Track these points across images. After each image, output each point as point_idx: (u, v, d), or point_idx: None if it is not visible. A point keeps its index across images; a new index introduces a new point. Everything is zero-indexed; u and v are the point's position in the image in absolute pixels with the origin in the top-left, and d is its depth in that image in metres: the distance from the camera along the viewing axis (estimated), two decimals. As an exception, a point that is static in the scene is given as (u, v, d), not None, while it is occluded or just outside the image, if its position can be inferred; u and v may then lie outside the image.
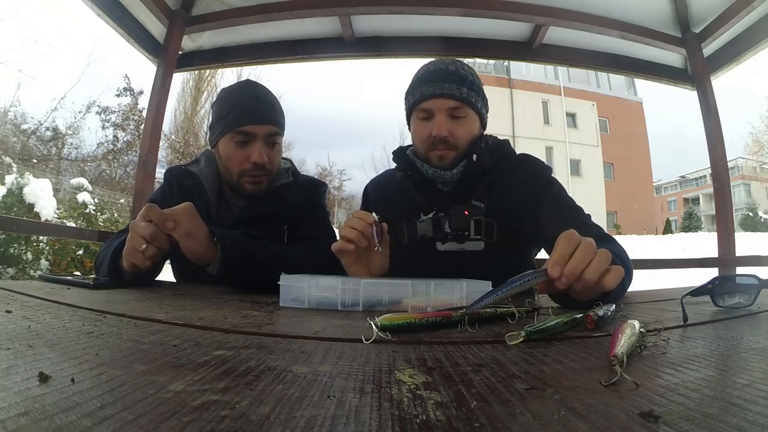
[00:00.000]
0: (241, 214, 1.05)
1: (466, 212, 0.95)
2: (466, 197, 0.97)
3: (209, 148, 1.13)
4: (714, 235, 2.50)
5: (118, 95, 14.54)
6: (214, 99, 1.10)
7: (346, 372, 0.27)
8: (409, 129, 1.08)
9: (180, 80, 16.22)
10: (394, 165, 1.11)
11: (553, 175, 1.05)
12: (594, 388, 0.25)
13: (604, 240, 0.83)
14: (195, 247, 0.80)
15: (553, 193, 1.00)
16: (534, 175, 1.02)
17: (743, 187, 28.76)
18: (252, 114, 1.01)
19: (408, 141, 1.12)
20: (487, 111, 1.05)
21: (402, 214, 1.01)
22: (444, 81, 0.96)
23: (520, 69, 22.20)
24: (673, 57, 2.53)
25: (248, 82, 1.10)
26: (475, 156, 0.98)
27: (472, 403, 0.22)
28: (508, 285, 0.49)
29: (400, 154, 1.08)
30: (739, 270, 2.23)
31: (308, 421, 0.19)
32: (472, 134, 1.00)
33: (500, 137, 1.11)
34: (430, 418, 0.20)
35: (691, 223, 27.29)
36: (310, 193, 1.14)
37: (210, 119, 1.10)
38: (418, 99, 0.99)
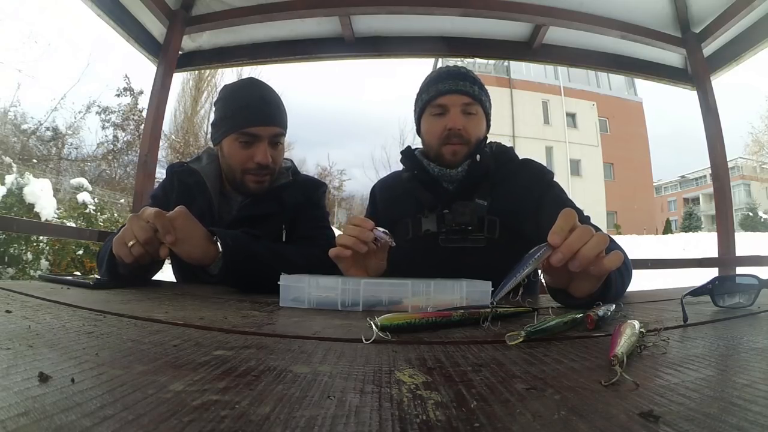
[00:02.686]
0: (240, 213, 1.05)
1: (470, 207, 0.98)
2: (470, 195, 1.01)
3: (211, 145, 1.13)
4: (714, 235, 2.50)
5: (118, 95, 14.57)
6: (217, 96, 1.09)
7: (346, 372, 0.27)
8: (418, 131, 1.13)
9: (180, 80, 16.28)
10: (394, 165, 1.14)
11: (554, 179, 1.08)
12: (594, 388, 0.25)
13: None
14: (192, 252, 0.80)
15: (554, 195, 1.03)
16: (535, 178, 1.06)
17: (743, 187, 28.75)
18: (258, 115, 1.01)
19: (408, 142, 1.15)
20: (491, 113, 1.11)
21: (408, 212, 1.04)
22: (459, 79, 1.03)
23: (520, 69, 22.17)
24: (673, 57, 2.53)
25: (252, 80, 1.09)
26: (478, 156, 1.02)
27: (472, 403, 0.22)
28: (522, 266, 0.48)
29: (408, 154, 1.12)
30: (739, 270, 2.23)
31: (308, 421, 0.19)
32: (481, 132, 1.06)
33: (501, 137, 1.13)
34: (430, 418, 0.20)
35: (691, 223, 27.29)
36: (310, 193, 1.14)
37: (213, 116, 1.09)
38: (433, 95, 1.04)
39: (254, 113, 1.01)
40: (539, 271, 0.55)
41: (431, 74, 1.09)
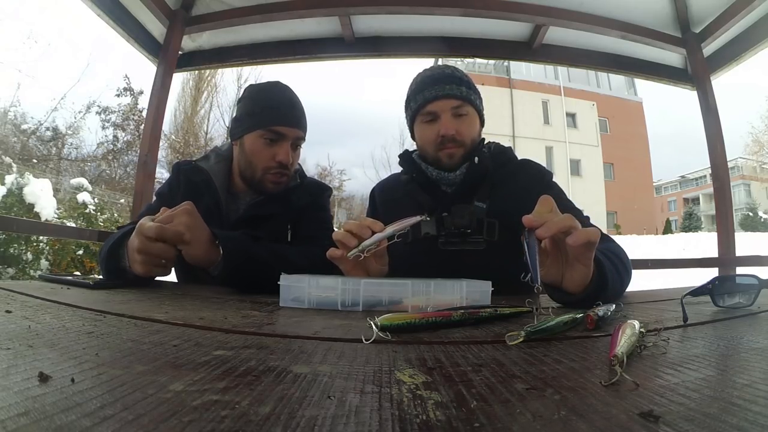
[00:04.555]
0: (246, 212, 1.06)
1: (468, 210, 0.98)
2: (469, 198, 1.00)
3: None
4: (714, 235, 2.49)
5: (118, 95, 14.58)
6: (242, 93, 1.11)
7: (346, 372, 0.27)
8: (412, 136, 1.12)
9: (180, 80, 16.25)
10: (394, 164, 1.13)
11: (553, 179, 1.08)
12: (594, 388, 0.25)
13: (603, 240, 0.83)
14: (195, 253, 0.80)
15: (553, 196, 1.01)
16: (534, 180, 1.06)
17: (743, 187, 28.78)
18: (286, 116, 1.04)
19: (407, 142, 1.15)
20: (483, 108, 1.09)
21: (407, 215, 1.03)
22: (444, 83, 1.01)
23: (520, 69, 22.18)
24: (673, 57, 2.53)
25: (280, 84, 1.11)
26: (477, 158, 1.02)
27: (472, 403, 0.22)
28: (534, 261, 0.52)
29: (406, 157, 1.12)
30: (739, 270, 2.23)
31: (308, 421, 0.19)
32: (475, 131, 1.05)
33: (501, 137, 1.13)
34: (430, 418, 0.20)
35: (691, 223, 27.30)
36: (315, 195, 1.16)
37: (236, 113, 1.11)
38: (421, 103, 1.03)
39: (283, 113, 1.04)
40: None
41: (416, 79, 1.07)
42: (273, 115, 1.03)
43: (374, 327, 0.38)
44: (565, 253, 0.59)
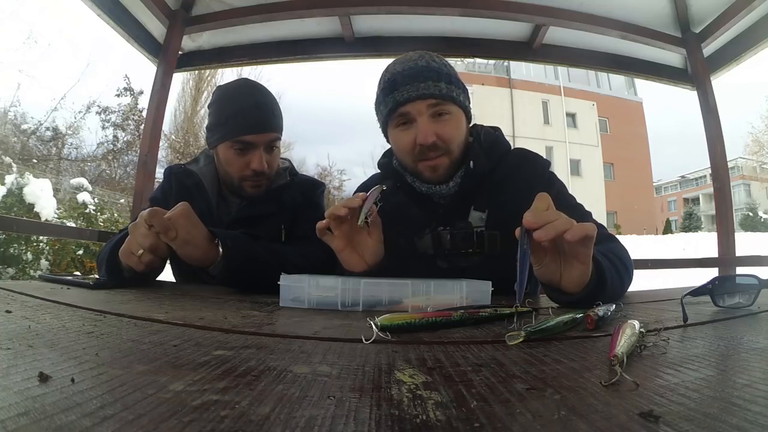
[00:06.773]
0: (238, 213, 1.05)
1: (468, 229, 0.88)
2: (466, 207, 0.90)
3: (207, 148, 1.13)
4: (714, 235, 2.50)
5: (118, 95, 14.57)
6: (211, 97, 1.08)
7: (345, 372, 0.27)
8: (388, 142, 0.96)
9: (180, 80, 16.22)
10: None
11: (551, 169, 1.00)
12: (594, 388, 0.25)
13: (606, 239, 0.83)
14: (193, 253, 0.80)
15: (555, 193, 0.95)
16: (534, 177, 0.95)
17: (743, 187, 28.78)
18: (252, 123, 1.00)
19: None
20: (469, 102, 0.94)
21: (399, 228, 0.90)
22: (419, 80, 0.84)
23: (520, 69, 22.19)
24: (673, 57, 2.53)
25: (245, 83, 1.06)
26: (472, 163, 0.89)
27: (472, 403, 0.22)
28: (524, 266, 0.51)
29: (386, 167, 0.98)
30: (739, 270, 2.23)
31: (308, 421, 0.19)
32: (461, 133, 0.89)
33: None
34: (430, 418, 0.20)
35: (691, 223, 27.32)
36: (308, 193, 1.14)
37: (207, 119, 1.09)
38: (392, 107, 0.86)
39: (248, 121, 0.99)
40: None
41: (385, 76, 0.89)
42: (239, 124, 0.99)
43: (374, 327, 0.38)
44: (563, 252, 0.59)
